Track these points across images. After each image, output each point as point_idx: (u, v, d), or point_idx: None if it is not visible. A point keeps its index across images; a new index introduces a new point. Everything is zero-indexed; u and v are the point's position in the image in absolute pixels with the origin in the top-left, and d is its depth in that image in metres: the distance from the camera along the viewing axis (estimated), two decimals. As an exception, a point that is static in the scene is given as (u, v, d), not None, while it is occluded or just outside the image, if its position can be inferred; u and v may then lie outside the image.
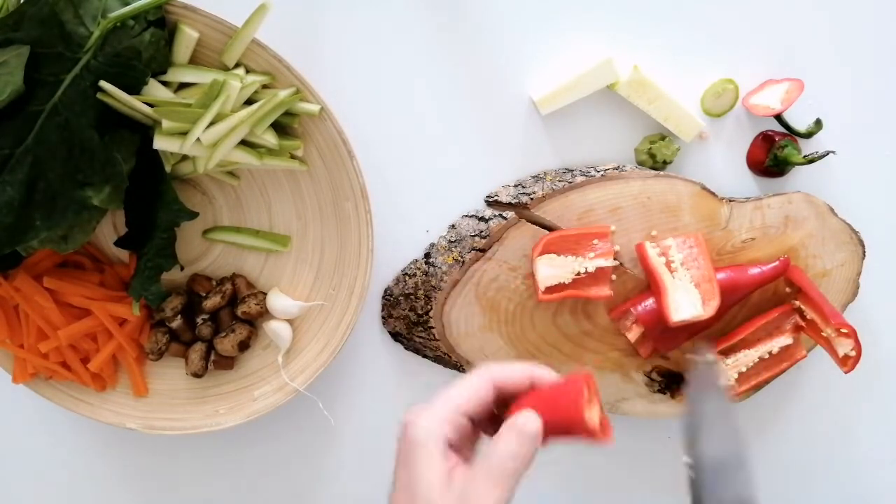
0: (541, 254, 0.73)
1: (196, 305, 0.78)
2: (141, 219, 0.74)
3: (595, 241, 0.74)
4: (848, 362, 0.74)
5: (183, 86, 0.70)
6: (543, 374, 0.59)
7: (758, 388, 0.78)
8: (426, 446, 0.57)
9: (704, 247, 0.73)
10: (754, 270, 0.75)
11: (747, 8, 0.76)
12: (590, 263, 0.74)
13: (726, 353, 0.76)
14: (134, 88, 0.67)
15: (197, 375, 0.78)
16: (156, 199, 0.72)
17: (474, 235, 0.76)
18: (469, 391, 0.59)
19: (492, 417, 0.60)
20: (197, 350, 0.78)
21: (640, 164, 0.78)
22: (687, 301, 0.72)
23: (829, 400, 0.84)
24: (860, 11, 0.77)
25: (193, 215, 0.73)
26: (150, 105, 0.68)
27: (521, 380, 0.59)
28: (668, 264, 0.73)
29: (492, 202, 0.77)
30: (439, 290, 0.77)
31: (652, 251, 0.73)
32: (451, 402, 0.58)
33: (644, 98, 0.75)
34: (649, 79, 0.75)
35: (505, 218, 0.75)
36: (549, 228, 0.75)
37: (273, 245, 0.77)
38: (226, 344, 0.77)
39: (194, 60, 0.70)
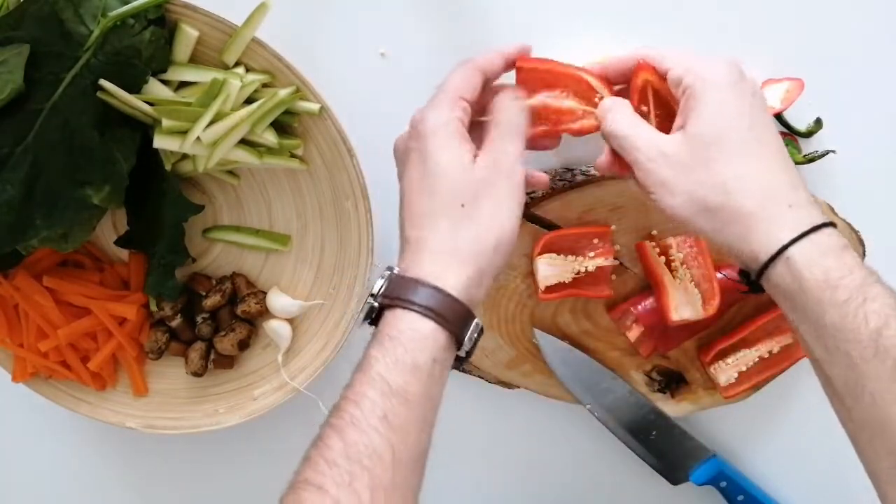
0: (541, 253, 0.73)
1: (196, 304, 0.78)
2: (144, 217, 0.74)
3: (595, 241, 0.74)
4: (848, 362, 0.74)
5: (183, 84, 0.70)
6: (512, 49, 0.64)
7: (758, 387, 0.78)
8: (441, 134, 0.59)
9: (705, 246, 0.73)
10: (754, 270, 0.75)
11: (747, 8, 0.76)
12: (590, 263, 0.74)
13: (726, 352, 0.76)
14: (134, 87, 0.67)
15: (197, 375, 0.78)
16: (159, 197, 0.73)
17: None
18: (463, 78, 0.61)
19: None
20: (197, 349, 0.78)
21: (640, 163, 0.78)
22: (687, 300, 0.72)
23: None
24: (860, 11, 0.77)
25: (199, 209, 0.74)
26: (150, 104, 0.68)
27: (499, 61, 0.63)
28: (668, 263, 0.73)
29: (492, 201, 0.77)
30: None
31: (652, 250, 0.73)
32: (451, 92, 0.61)
33: (644, 97, 0.75)
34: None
35: (505, 217, 0.75)
36: (550, 228, 0.75)
37: (273, 244, 0.77)
38: (225, 343, 0.77)
39: (194, 59, 0.70)
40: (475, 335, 0.58)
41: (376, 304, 0.57)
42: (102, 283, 0.78)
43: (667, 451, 0.79)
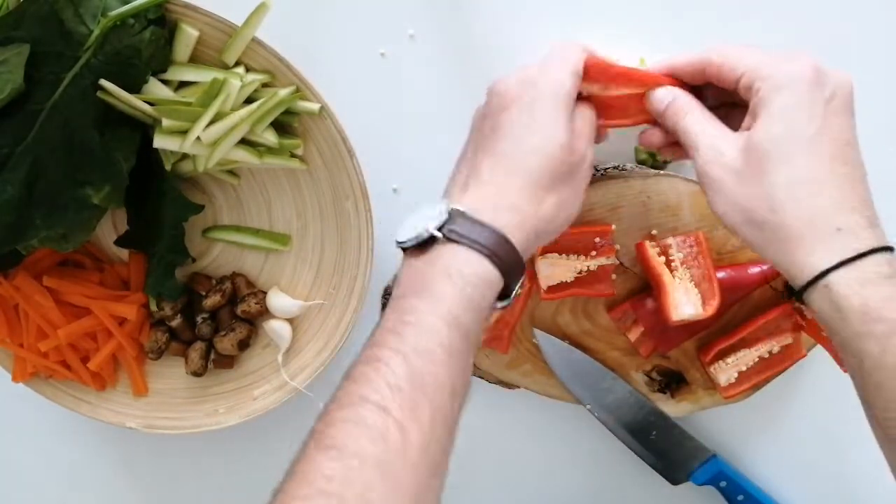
0: (542, 253, 0.73)
1: (196, 304, 0.78)
2: (144, 217, 0.75)
3: (597, 240, 0.74)
4: (848, 362, 0.74)
5: (183, 84, 0.70)
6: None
7: (758, 387, 0.78)
8: (562, 98, 0.58)
9: (705, 246, 0.73)
10: (754, 270, 0.75)
11: (747, 7, 0.76)
12: (592, 262, 0.74)
13: (726, 353, 0.76)
14: (134, 87, 0.68)
15: (197, 374, 0.78)
16: (159, 196, 0.73)
17: None
18: (580, 53, 0.60)
19: None
20: (197, 349, 0.78)
21: (641, 163, 0.78)
22: (687, 300, 0.72)
23: (829, 400, 0.83)
24: (860, 11, 0.77)
25: (199, 208, 0.74)
26: (151, 104, 0.68)
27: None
28: (668, 263, 0.73)
29: (492, 201, 0.77)
30: (439, 289, 0.77)
31: (652, 250, 0.73)
32: (574, 63, 0.59)
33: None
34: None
35: (505, 217, 0.75)
36: None
37: (273, 244, 0.77)
38: (226, 343, 0.77)
39: (194, 59, 0.70)
40: (519, 288, 0.58)
41: (439, 235, 0.55)
42: (102, 283, 0.78)
43: (667, 451, 0.79)
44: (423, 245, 0.56)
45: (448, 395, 0.51)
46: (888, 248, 0.53)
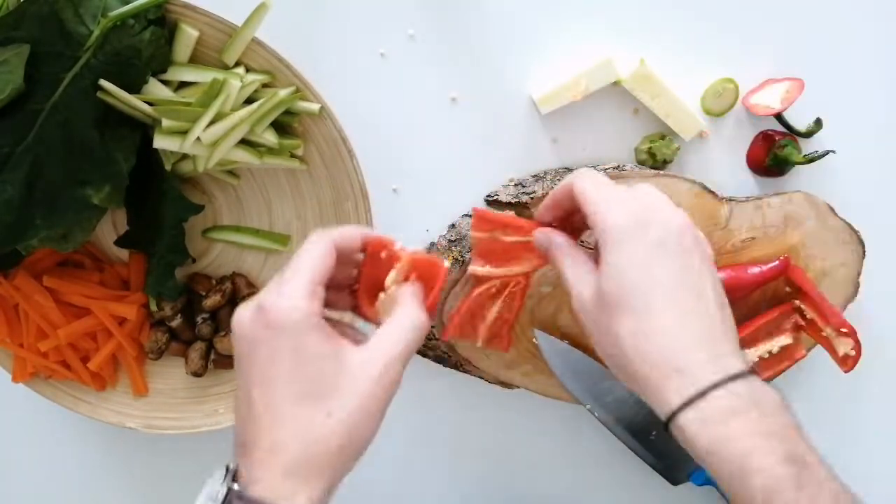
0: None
1: (196, 304, 0.78)
2: (144, 217, 0.74)
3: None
4: (848, 362, 0.74)
5: (183, 84, 0.70)
6: (371, 233, 0.57)
7: (758, 387, 0.78)
8: (301, 328, 0.51)
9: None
10: (754, 270, 0.75)
11: (747, 7, 0.76)
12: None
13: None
14: (134, 87, 0.68)
15: (197, 374, 0.78)
16: (159, 196, 0.73)
17: None
18: (317, 259, 0.54)
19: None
20: (197, 349, 0.78)
21: (641, 163, 0.78)
22: None
23: (829, 400, 0.83)
24: (860, 11, 0.77)
25: (199, 209, 0.74)
26: (150, 104, 0.68)
27: (356, 238, 0.57)
28: None
29: (492, 201, 0.77)
30: (439, 289, 0.77)
31: None
32: (306, 275, 0.53)
33: (648, 93, 0.75)
34: (654, 73, 0.75)
35: (505, 217, 0.75)
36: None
37: (273, 244, 0.77)
38: (226, 343, 0.77)
39: (194, 59, 0.70)
40: None
41: None
42: (102, 283, 0.78)
43: (667, 451, 0.79)
44: None
45: None
46: (735, 377, 0.52)
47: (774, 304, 0.76)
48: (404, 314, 0.55)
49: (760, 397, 0.52)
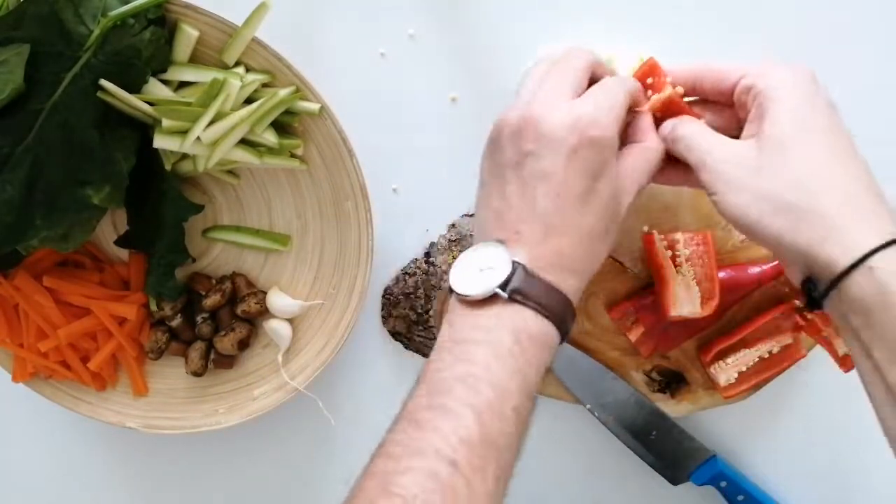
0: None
1: (196, 304, 0.78)
2: (144, 217, 0.74)
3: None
4: (848, 362, 0.73)
5: (183, 84, 0.70)
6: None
7: (758, 387, 0.78)
8: (613, 150, 0.57)
9: (711, 247, 0.73)
10: (754, 270, 0.75)
11: (747, 7, 0.76)
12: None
13: (726, 353, 0.76)
14: (134, 87, 0.68)
15: (197, 374, 0.78)
16: (159, 196, 0.73)
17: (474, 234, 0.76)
18: (625, 96, 0.59)
19: None
20: (197, 349, 0.78)
21: (640, 163, 0.78)
22: (687, 297, 0.72)
23: (829, 400, 0.83)
24: (860, 11, 0.77)
25: (199, 209, 0.74)
26: (151, 104, 0.68)
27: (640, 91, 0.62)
28: (673, 258, 0.73)
29: (492, 201, 0.77)
30: (439, 289, 0.77)
31: (660, 243, 0.73)
32: (616, 104, 0.58)
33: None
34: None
35: (505, 217, 0.75)
36: None
37: (273, 244, 0.77)
38: (225, 343, 0.77)
39: (194, 59, 0.70)
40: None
41: (505, 295, 0.54)
42: (102, 283, 0.78)
43: (667, 451, 0.79)
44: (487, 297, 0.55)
45: (513, 456, 0.53)
46: None
47: (774, 304, 0.76)
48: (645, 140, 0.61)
49: None
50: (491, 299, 0.54)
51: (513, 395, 0.52)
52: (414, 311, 0.78)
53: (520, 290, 0.54)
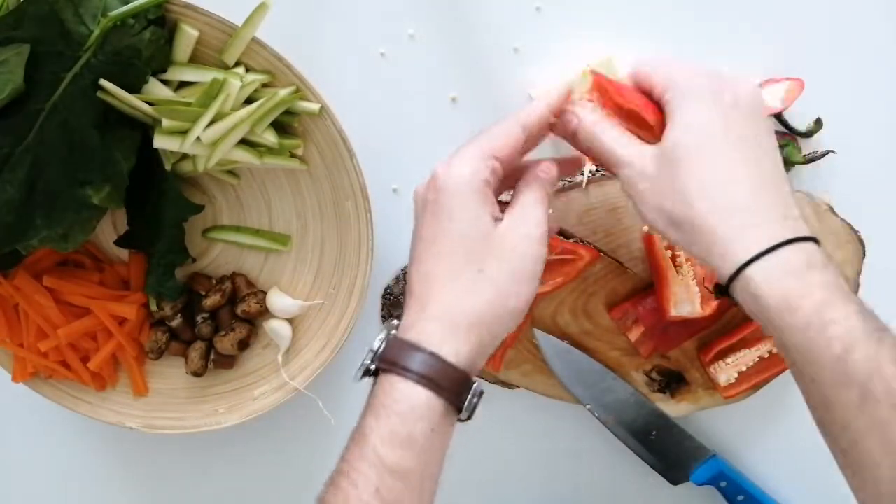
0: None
1: (196, 304, 0.78)
2: (144, 217, 0.74)
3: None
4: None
5: (183, 84, 0.70)
6: (556, 96, 0.61)
7: (758, 387, 0.78)
8: (463, 191, 0.56)
9: None
10: (754, 270, 0.75)
11: (747, 6, 0.76)
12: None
13: (726, 353, 0.76)
14: (134, 87, 0.68)
15: (197, 374, 0.78)
16: (159, 196, 0.73)
17: None
18: (500, 134, 0.58)
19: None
20: (197, 349, 0.78)
21: (640, 163, 0.78)
22: (686, 298, 0.72)
23: (830, 400, 0.83)
24: (860, 11, 0.77)
25: (199, 209, 0.74)
26: (151, 104, 0.68)
27: (544, 110, 0.60)
28: (673, 258, 0.73)
29: (492, 201, 0.77)
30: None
31: (660, 243, 0.73)
32: (483, 147, 0.57)
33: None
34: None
35: (505, 217, 0.75)
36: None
37: (273, 244, 0.77)
38: (225, 343, 0.77)
39: (194, 59, 0.70)
40: (475, 400, 0.56)
41: (372, 367, 0.55)
42: (102, 283, 0.78)
43: (667, 451, 0.79)
44: (376, 374, 0.56)
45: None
46: (808, 239, 0.53)
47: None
48: (534, 182, 0.60)
49: (831, 260, 0.53)
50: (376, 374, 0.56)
51: (370, 480, 0.52)
52: (414, 311, 0.78)
53: (385, 356, 0.55)
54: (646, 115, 0.58)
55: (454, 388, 0.54)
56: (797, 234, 0.53)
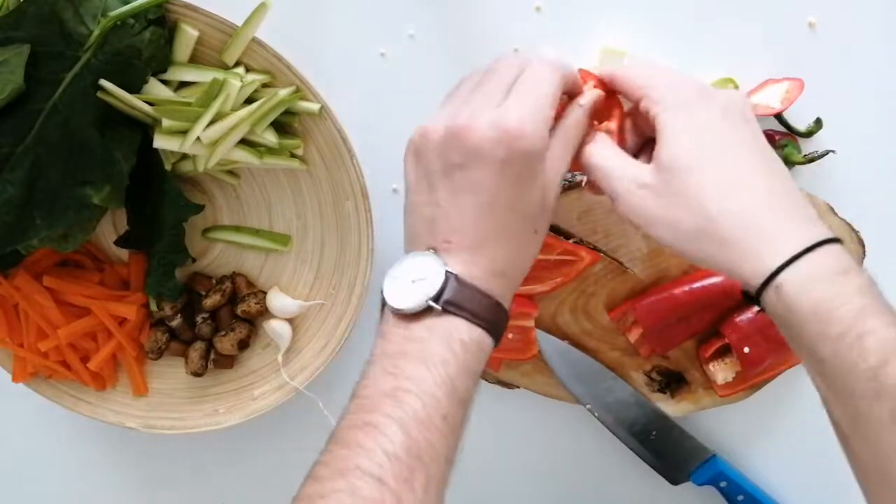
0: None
1: (196, 304, 0.78)
2: (144, 217, 0.75)
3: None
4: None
5: (183, 84, 0.70)
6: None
7: (758, 387, 0.78)
8: (542, 159, 0.55)
9: None
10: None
11: (747, 7, 0.76)
12: None
13: (725, 352, 0.76)
14: (134, 87, 0.68)
15: (197, 374, 0.78)
16: (159, 196, 0.73)
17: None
18: (556, 92, 0.57)
19: None
20: (197, 349, 0.78)
21: (641, 163, 0.78)
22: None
23: (830, 400, 0.83)
24: (860, 11, 0.77)
25: (199, 209, 0.74)
26: (151, 104, 0.68)
27: (578, 81, 0.59)
28: None
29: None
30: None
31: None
32: (548, 108, 0.56)
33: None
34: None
35: (505, 217, 0.75)
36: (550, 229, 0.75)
37: (273, 244, 0.77)
38: (225, 343, 0.77)
39: (194, 59, 0.70)
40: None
41: (438, 307, 0.54)
42: (102, 283, 0.78)
43: (667, 451, 0.79)
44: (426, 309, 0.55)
45: (443, 463, 0.51)
46: (834, 240, 0.51)
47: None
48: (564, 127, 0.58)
49: (856, 262, 0.51)
50: (424, 310, 0.54)
51: (442, 405, 0.52)
52: (414, 311, 0.78)
53: (453, 300, 0.54)
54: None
55: (503, 331, 0.57)
56: (823, 237, 0.51)
